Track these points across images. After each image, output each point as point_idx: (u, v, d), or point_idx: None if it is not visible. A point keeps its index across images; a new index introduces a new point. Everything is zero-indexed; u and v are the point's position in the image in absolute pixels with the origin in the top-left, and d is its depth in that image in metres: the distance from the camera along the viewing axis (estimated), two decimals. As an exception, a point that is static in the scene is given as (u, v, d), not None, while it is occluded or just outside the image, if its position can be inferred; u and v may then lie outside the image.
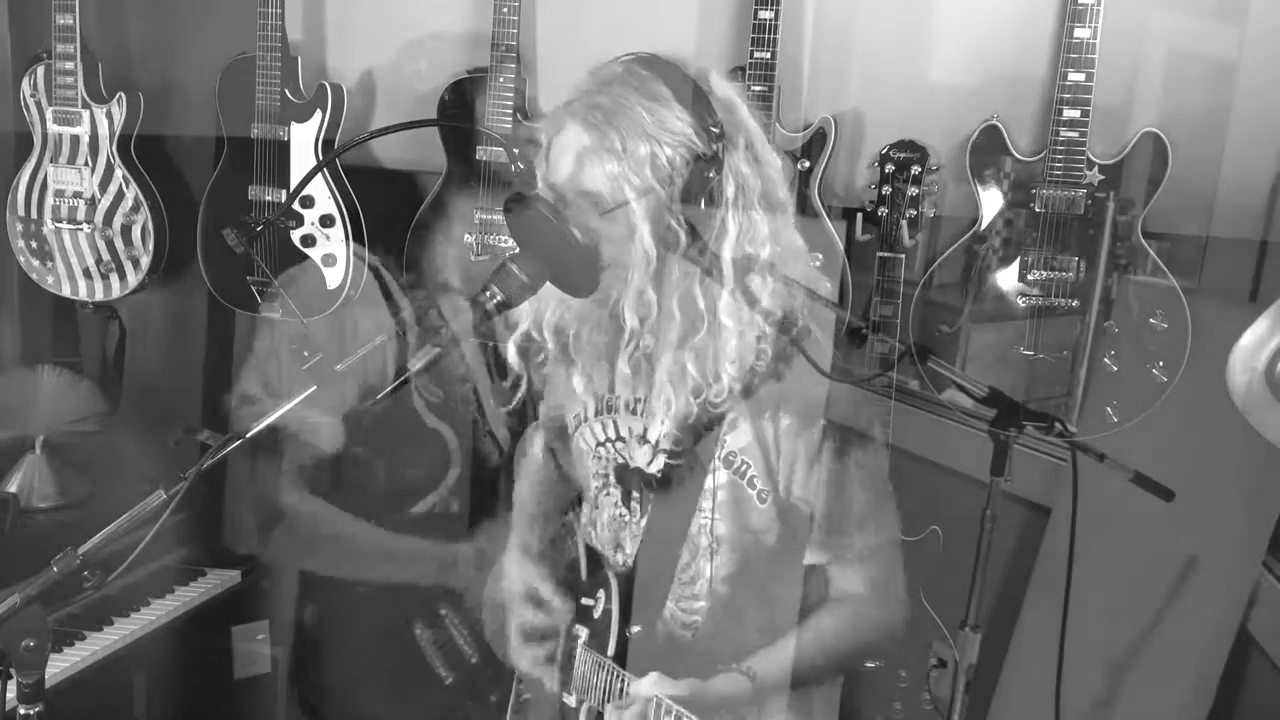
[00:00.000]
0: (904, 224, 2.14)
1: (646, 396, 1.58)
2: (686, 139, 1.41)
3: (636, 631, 1.58)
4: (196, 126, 2.55)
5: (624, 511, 1.63)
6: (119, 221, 2.54)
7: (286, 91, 2.39)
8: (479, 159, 2.27)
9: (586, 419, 1.66)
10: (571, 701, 1.66)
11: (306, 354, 2.08)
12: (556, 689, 1.69)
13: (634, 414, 1.60)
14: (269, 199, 2.39)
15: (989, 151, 2.13)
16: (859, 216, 2.20)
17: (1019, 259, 2.13)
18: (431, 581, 1.98)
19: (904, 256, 2.16)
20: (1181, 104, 2.09)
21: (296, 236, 2.38)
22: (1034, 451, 2.06)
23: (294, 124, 2.39)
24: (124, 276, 2.57)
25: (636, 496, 1.60)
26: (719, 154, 1.43)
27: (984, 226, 2.15)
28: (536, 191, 1.49)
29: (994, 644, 2.03)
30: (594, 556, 1.70)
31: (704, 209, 1.44)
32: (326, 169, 2.35)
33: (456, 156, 2.31)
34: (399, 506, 2.14)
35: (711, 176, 1.43)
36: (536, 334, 1.60)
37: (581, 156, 1.42)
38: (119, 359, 2.77)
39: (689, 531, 1.59)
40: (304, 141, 2.39)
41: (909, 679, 2.34)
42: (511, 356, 1.63)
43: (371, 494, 2.11)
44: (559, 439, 1.81)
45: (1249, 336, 1.71)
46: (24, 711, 1.26)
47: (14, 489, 2.39)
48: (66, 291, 2.60)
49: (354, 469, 2.09)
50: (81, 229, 2.55)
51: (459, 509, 2.21)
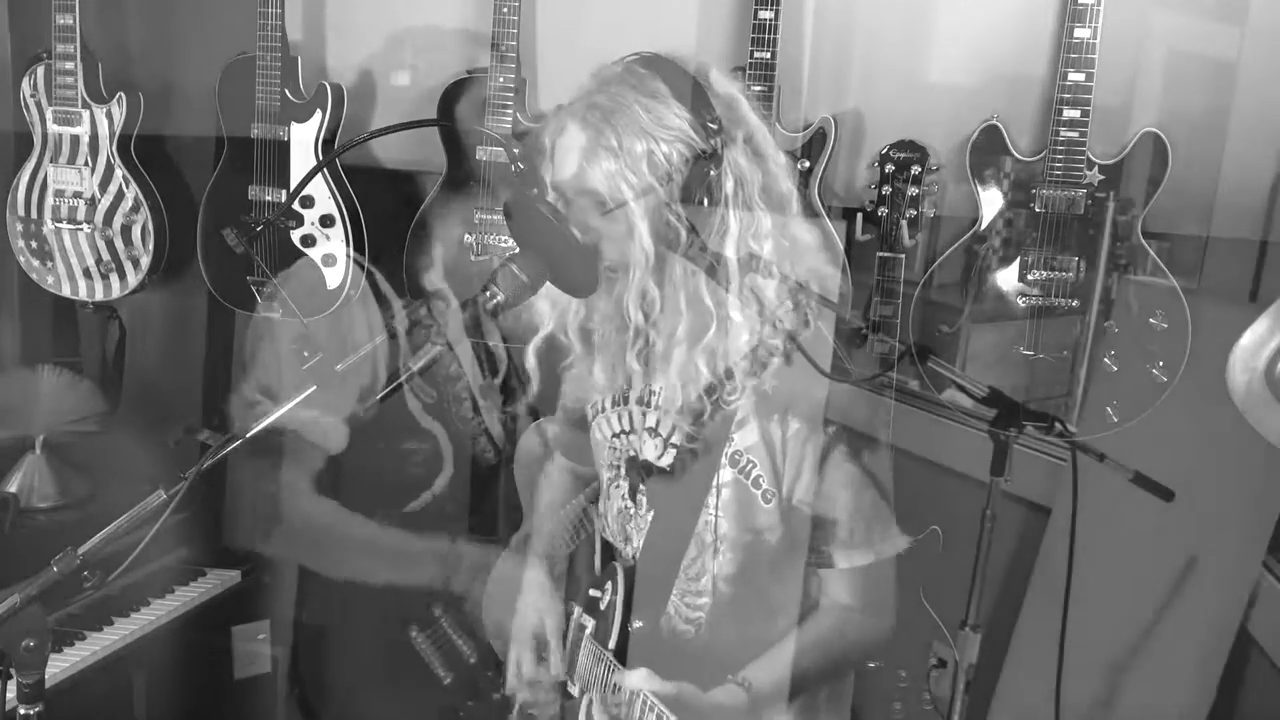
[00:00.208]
0: (904, 224, 2.14)
1: (658, 389, 1.58)
2: (684, 135, 1.41)
3: (638, 626, 1.58)
4: (196, 126, 2.55)
5: (630, 504, 1.64)
6: (119, 221, 2.54)
7: (286, 91, 2.39)
8: (479, 159, 2.27)
9: (604, 410, 1.67)
10: (574, 691, 1.67)
11: (306, 354, 2.07)
12: (562, 675, 1.69)
13: (647, 406, 1.60)
14: (269, 199, 2.39)
15: (989, 151, 2.13)
16: (859, 216, 2.20)
17: (1019, 259, 2.13)
18: (440, 584, 1.98)
19: (904, 256, 2.16)
20: (1181, 104, 2.09)
21: (296, 236, 2.38)
22: (1034, 451, 2.06)
23: (294, 124, 2.39)
24: (124, 276, 2.57)
25: (643, 490, 1.61)
26: (718, 150, 1.43)
27: (984, 226, 2.15)
28: (536, 191, 1.49)
29: (994, 644, 2.03)
30: (608, 548, 1.70)
31: (705, 206, 1.44)
32: (326, 169, 2.35)
33: (456, 157, 2.31)
34: (394, 506, 2.14)
35: (711, 173, 1.43)
36: (562, 336, 1.60)
37: (581, 156, 1.42)
38: (119, 359, 2.77)
39: (695, 527, 1.59)
40: (304, 141, 2.39)
41: (909, 679, 2.34)
42: (530, 362, 1.63)
43: (367, 494, 2.11)
44: (574, 437, 1.81)
45: (1249, 336, 1.71)
46: (24, 711, 1.26)
47: (14, 489, 2.39)
48: (66, 291, 2.60)
49: (351, 470, 2.08)
50: (81, 229, 2.55)
51: (454, 508, 2.22)
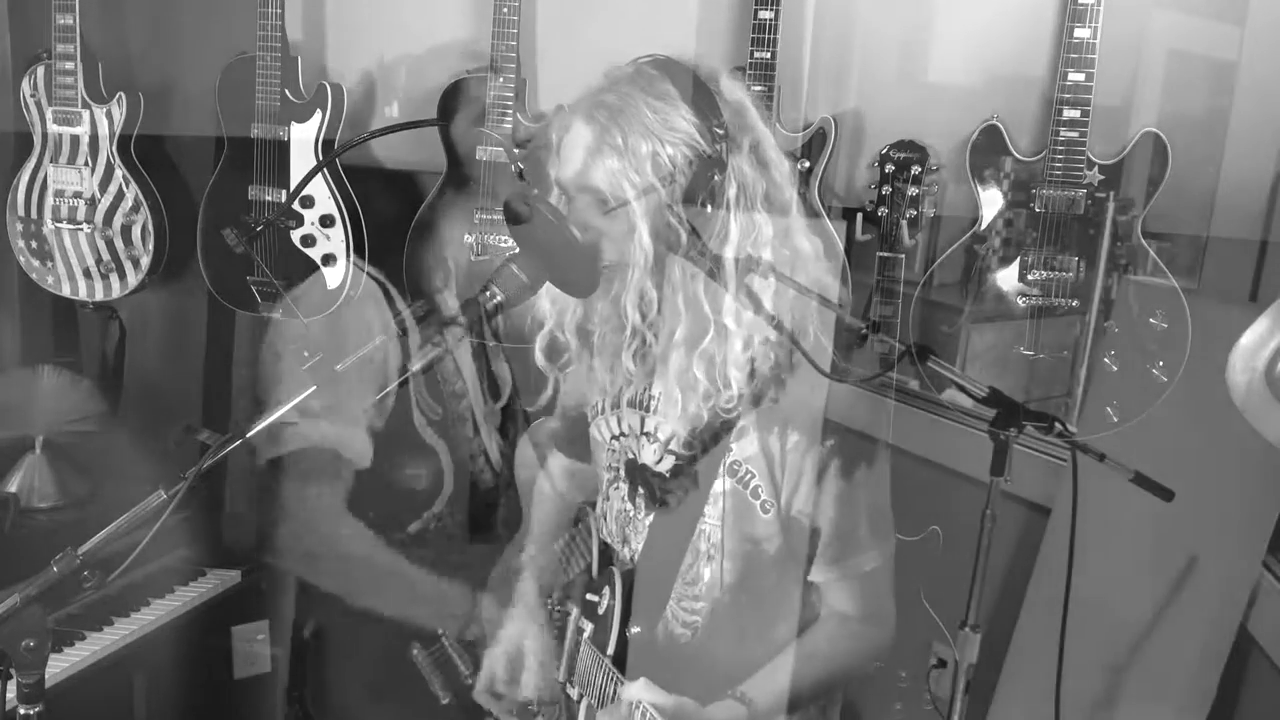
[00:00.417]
0: (904, 224, 2.14)
1: (657, 394, 1.58)
2: (690, 138, 1.41)
3: (636, 632, 1.58)
4: (196, 126, 2.54)
5: (630, 507, 1.64)
6: (119, 221, 2.54)
7: (286, 91, 2.39)
8: (479, 159, 2.27)
9: (603, 411, 1.67)
10: (574, 694, 1.67)
11: (306, 354, 2.07)
12: (562, 678, 1.69)
13: (645, 410, 1.60)
14: (269, 199, 2.39)
15: (989, 151, 2.13)
16: (859, 216, 2.20)
17: (1019, 259, 2.13)
18: (453, 627, 1.98)
19: (904, 256, 2.16)
20: (1181, 104, 2.09)
21: (296, 236, 2.38)
22: (1034, 451, 2.06)
23: (294, 124, 2.39)
24: (124, 276, 2.57)
25: (643, 493, 1.61)
26: (722, 155, 1.43)
27: (984, 226, 2.15)
28: (537, 191, 1.49)
29: (994, 644, 2.03)
30: (606, 552, 1.70)
31: (707, 210, 1.44)
32: (326, 169, 2.35)
33: (456, 157, 2.31)
34: (393, 522, 2.13)
35: (715, 177, 1.43)
36: (560, 335, 1.60)
37: (586, 153, 1.42)
38: (119, 359, 2.77)
39: (693, 534, 1.59)
40: (304, 141, 2.39)
41: (909, 679, 2.34)
42: (540, 360, 1.63)
43: (367, 508, 2.09)
44: (572, 433, 1.81)
45: (1249, 336, 1.71)
46: (24, 711, 1.27)
47: (14, 489, 2.39)
48: (66, 291, 2.60)
49: (353, 483, 2.07)
50: (81, 229, 2.55)
51: (453, 528, 2.21)
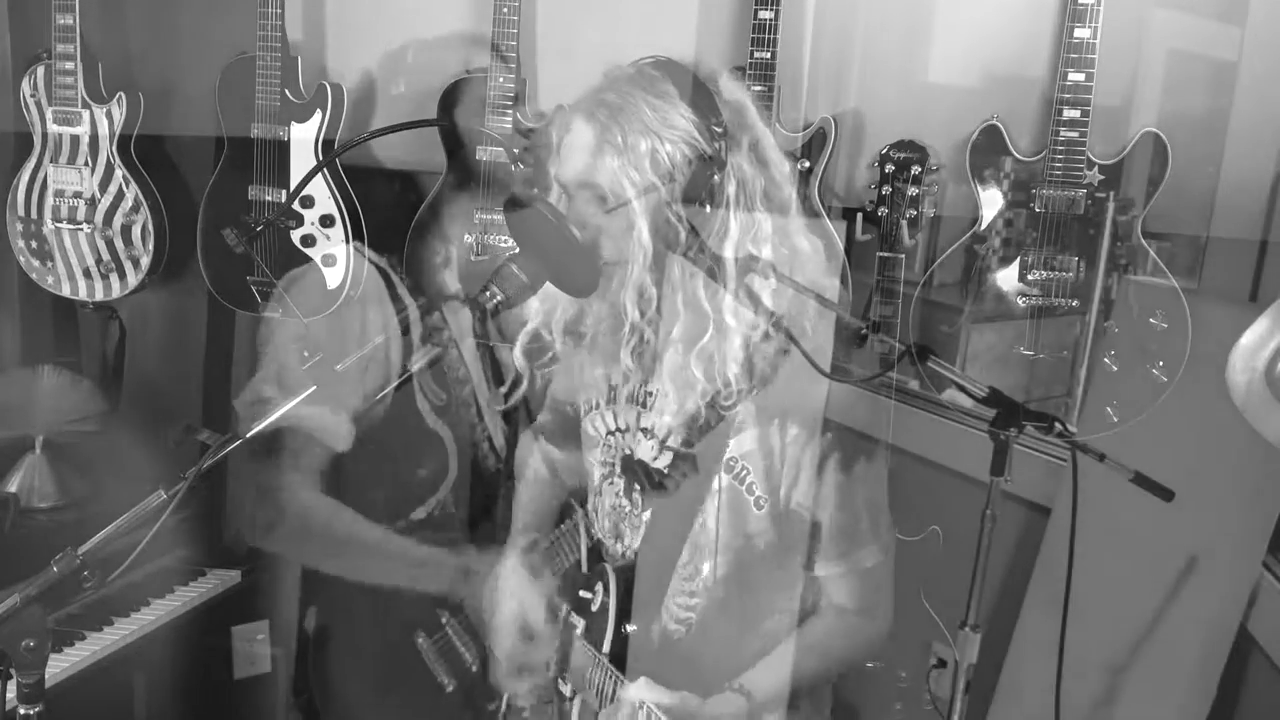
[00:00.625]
0: (904, 224, 2.14)
1: (653, 391, 1.58)
2: (689, 137, 1.42)
3: (633, 630, 1.59)
4: (196, 126, 2.54)
5: (625, 502, 1.64)
6: (119, 221, 2.54)
7: (286, 91, 2.39)
8: (479, 159, 2.27)
9: (597, 406, 1.67)
10: (566, 690, 1.67)
11: (307, 354, 2.07)
12: (553, 675, 1.69)
13: (642, 406, 1.60)
14: (269, 199, 2.39)
15: (989, 151, 2.13)
16: (859, 216, 2.20)
17: (1019, 259, 2.12)
18: (446, 590, 1.96)
19: (904, 256, 2.16)
20: (1181, 104, 2.09)
21: (296, 236, 2.38)
22: (1034, 451, 2.06)
23: (294, 124, 2.39)
24: (124, 276, 2.57)
25: (639, 489, 1.61)
26: (721, 154, 1.43)
27: (984, 226, 2.15)
28: (537, 191, 1.49)
29: (994, 644, 2.03)
30: (596, 549, 1.70)
31: (707, 209, 1.44)
32: (326, 169, 2.35)
33: (456, 156, 2.31)
34: (399, 507, 2.14)
35: (714, 176, 1.44)
36: (546, 334, 1.60)
37: (587, 152, 1.42)
38: (119, 359, 2.77)
39: (690, 531, 1.59)
40: (304, 141, 2.39)
41: (909, 679, 2.34)
42: (516, 357, 1.63)
43: (372, 494, 2.10)
44: (562, 426, 1.81)
45: (1249, 336, 1.71)
46: (24, 711, 1.27)
47: (14, 489, 2.39)
48: (66, 291, 2.60)
49: (356, 468, 2.08)
50: (81, 229, 2.55)
51: (457, 513, 2.21)
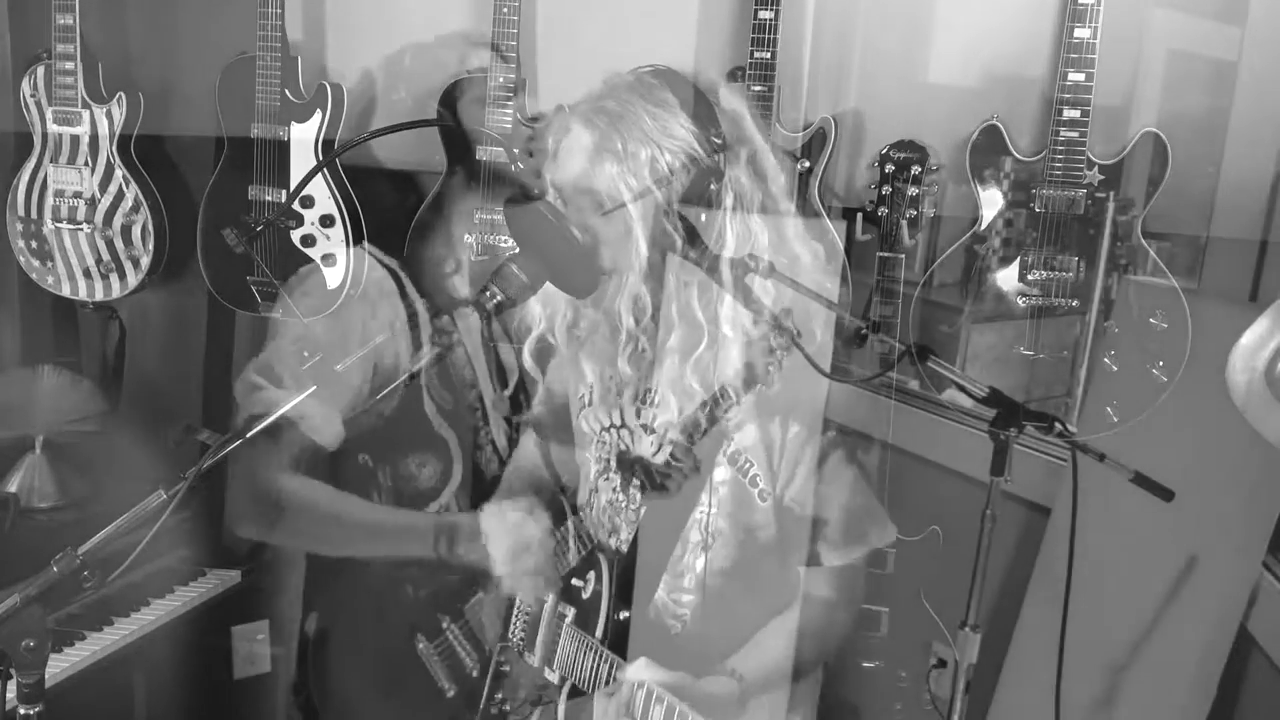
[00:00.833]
0: (904, 224, 2.14)
1: (653, 387, 1.59)
2: (688, 145, 1.43)
3: (626, 617, 1.60)
4: (196, 126, 2.54)
5: (622, 497, 1.65)
6: (119, 221, 2.54)
7: (286, 91, 2.39)
8: (479, 159, 2.27)
9: (591, 403, 1.67)
10: (554, 678, 1.67)
11: (307, 354, 2.06)
12: (537, 664, 1.70)
13: (642, 402, 1.61)
14: (269, 199, 2.39)
15: (989, 151, 2.13)
16: (859, 216, 2.20)
17: (1019, 259, 2.13)
18: (430, 553, 1.93)
19: (904, 256, 2.16)
20: (1181, 104, 2.09)
21: (296, 236, 2.38)
22: (1034, 451, 2.06)
23: (294, 124, 2.39)
24: (124, 276, 2.57)
25: (636, 484, 1.62)
26: (719, 165, 1.45)
27: (984, 226, 2.15)
28: (537, 191, 1.50)
29: (994, 644, 2.03)
30: (588, 540, 1.71)
31: (703, 219, 1.46)
32: (326, 169, 2.35)
33: (456, 156, 2.31)
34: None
35: (711, 186, 1.45)
36: (550, 337, 1.61)
37: (585, 157, 1.43)
38: (119, 359, 2.77)
39: (687, 521, 1.60)
40: (304, 141, 2.39)
41: (909, 679, 2.34)
42: (528, 363, 1.65)
43: (376, 497, 2.10)
44: (555, 420, 1.82)
45: (1249, 336, 1.71)
46: (24, 711, 1.27)
47: (14, 489, 2.39)
48: (66, 291, 2.60)
49: (361, 471, 2.07)
50: (81, 229, 2.55)
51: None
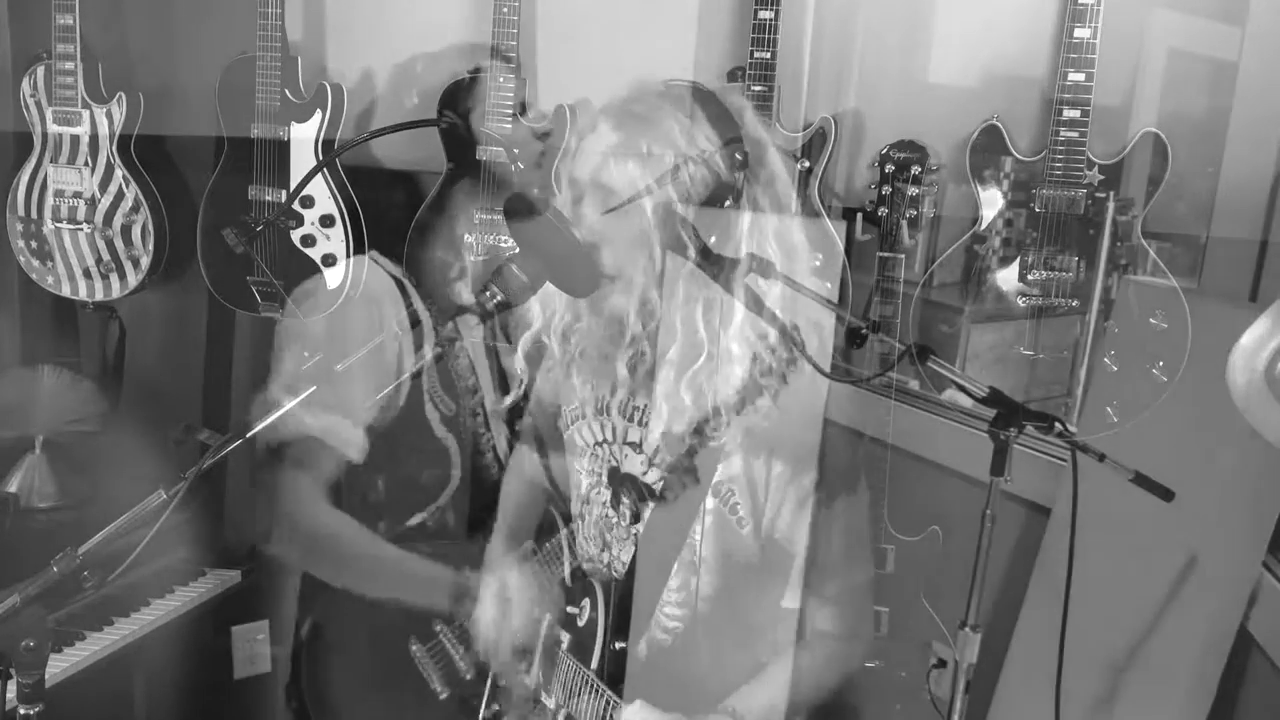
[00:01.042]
0: (904, 224, 2.14)
1: (641, 406, 1.59)
2: (711, 159, 1.44)
3: (621, 647, 1.59)
4: (196, 126, 2.54)
5: (611, 513, 1.64)
6: (119, 221, 2.54)
7: (286, 91, 2.39)
8: (479, 159, 2.27)
9: (584, 416, 1.67)
10: (550, 704, 1.66)
11: (307, 354, 2.07)
12: (532, 688, 1.70)
13: (630, 420, 1.61)
14: (269, 199, 2.39)
15: (989, 151, 2.13)
16: (859, 216, 2.20)
17: (1019, 259, 2.12)
18: (445, 608, 1.95)
19: (904, 256, 2.16)
20: (1181, 104, 2.09)
21: (296, 236, 2.38)
22: (1034, 451, 2.06)
23: (294, 124, 2.39)
24: (124, 276, 2.57)
25: (626, 502, 1.61)
26: (739, 182, 1.45)
27: (984, 226, 2.15)
28: (538, 192, 1.50)
29: (994, 644, 2.03)
30: (577, 568, 1.71)
31: (713, 239, 1.46)
32: (326, 169, 2.35)
33: (457, 157, 2.31)
34: (397, 513, 2.13)
35: (727, 204, 1.45)
36: (546, 338, 1.61)
37: (607, 154, 1.44)
38: (119, 359, 2.77)
39: (679, 552, 1.59)
40: (304, 141, 2.39)
41: (909, 679, 2.33)
42: (518, 360, 1.65)
43: (373, 499, 2.10)
44: (544, 431, 1.82)
45: (1249, 336, 1.71)
46: (24, 711, 1.27)
47: (14, 489, 2.39)
48: (66, 291, 2.60)
49: (360, 474, 2.07)
50: (81, 229, 2.55)
51: (456, 522, 2.21)
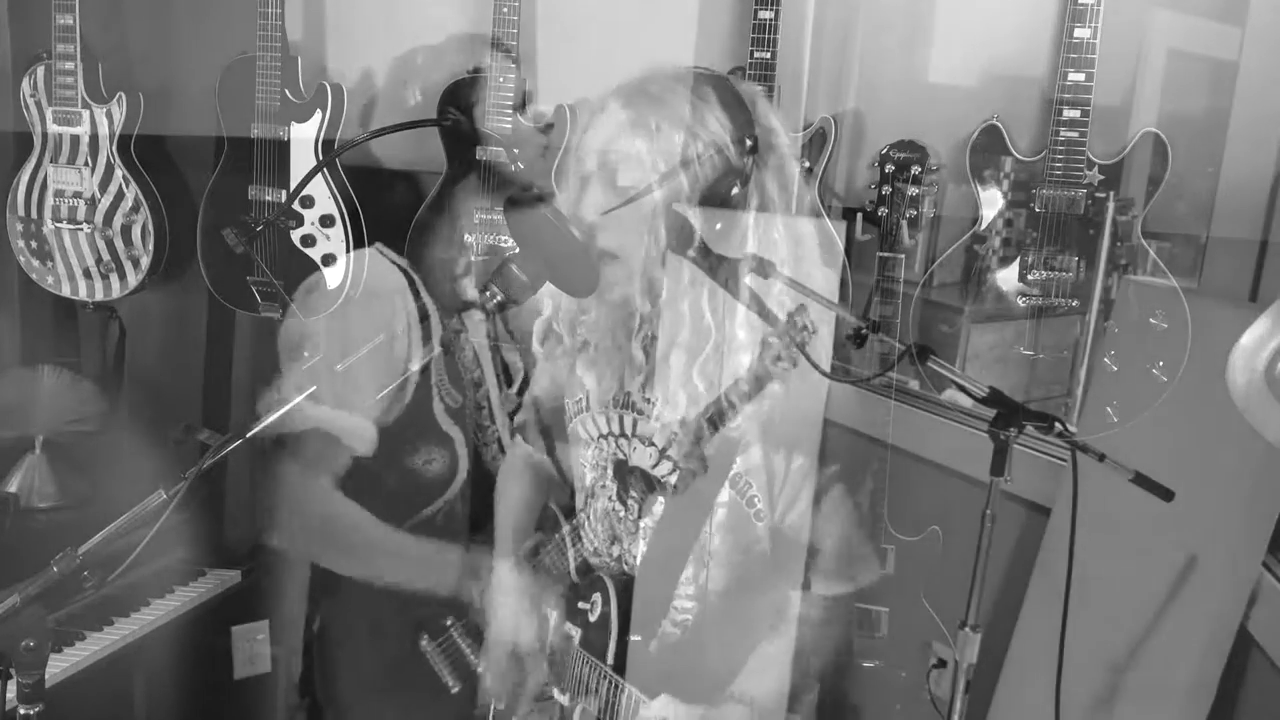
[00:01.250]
0: (904, 224, 2.14)
1: (651, 398, 1.58)
2: (721, 142, 1.43)
3: (637, 640, 1.59)
4: (196, 126, 2.54)
5: (619, 507, 1.64)
6: (119, 221, 2.54)
7: (286, 91, 2.39)
8: (479, 159, 2.27)
9: (588, 408, 1.67)
10: (564, 700, 1.66)
11: (307, 354, 2.07)
12: (544, 680, 1.70)
13: (639, 413, 1.60)
14: (269, 199, 2.39)
15: (989, 151, 2.13)
16: (859, 216, 2.20)
17: (1019, 259, 2.13)
18: (454, 589, 1.96)
19: (904, 256, 2.16)
20: (1181, 104, 2.09)
21: (296, 236, 2.38)
22: (1034, 451, 2.06)
23: (294, 124, 2.39)
24: (124, 276, 2.57)
25: (635, 495, 1.61)
26: (747, 167, 1.44)
27: (984, 226, 2.15)
28: (537, 189, 1.50)
29: (994, 644, 2.03)
30: (585, 561, 1.70)
31: (718, 227, 1.45)
32: (326, 169, 2.35)
33: (457, 156, 2.31)
34: (408, 508, 2.14)
35: (735, 190, 1.44)
36: (556, 325, 1.61)
37: (618, 129, 1.43)
38: (119, 359, 2.77)
39: (694, 545, 1.59)
40: (304, 141, 2.39)
41: (909, 679, 2.33)
42: (535, 345, 1.65)
43: (383, 494, 2.10)
44: (542, 426, 1.82)
45: (1249, 336, 1.71)
46: (24, 711, 1.27)
47: (14, 489, 2.39)
48: (66, 291, 2.60)
49: (368, 469, 2.08)
50: (81, 229, 2.55)
51: (464, 513, 2.21)
